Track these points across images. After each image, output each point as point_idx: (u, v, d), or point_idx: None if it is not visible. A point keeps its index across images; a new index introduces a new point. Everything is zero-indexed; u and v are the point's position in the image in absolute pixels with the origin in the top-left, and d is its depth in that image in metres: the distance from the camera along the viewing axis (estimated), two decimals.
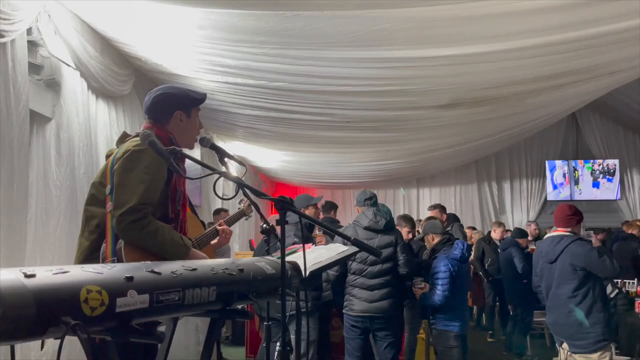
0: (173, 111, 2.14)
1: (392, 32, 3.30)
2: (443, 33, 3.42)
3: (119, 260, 1.84)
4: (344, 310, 3.99)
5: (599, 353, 3.42)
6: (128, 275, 1.32)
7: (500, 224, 7.73)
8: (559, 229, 3.75)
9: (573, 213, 3.73)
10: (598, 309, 3.48)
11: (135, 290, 1.31)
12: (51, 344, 1.26)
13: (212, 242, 2.47)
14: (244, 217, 2.87)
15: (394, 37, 3.40)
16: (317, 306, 4.19)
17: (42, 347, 1.46)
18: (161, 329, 1.66)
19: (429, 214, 6.09)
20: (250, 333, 5.81)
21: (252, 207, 2.79)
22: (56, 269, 1.22)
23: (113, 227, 1.88)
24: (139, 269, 1.41)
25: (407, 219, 4.81)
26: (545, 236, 4.05)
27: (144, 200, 1.88)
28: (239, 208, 2.85)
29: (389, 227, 4.00)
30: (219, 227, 2.52)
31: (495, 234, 7.49)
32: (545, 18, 3.23)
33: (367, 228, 3.94)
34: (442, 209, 6.42)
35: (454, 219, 6.66)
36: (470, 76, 4.36)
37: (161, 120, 2.14)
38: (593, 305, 3.48)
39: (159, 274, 1.42)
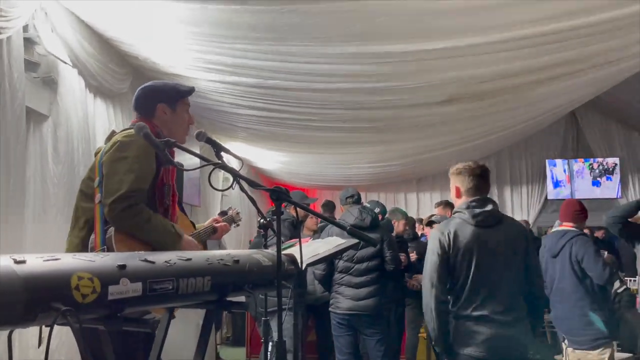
0: (156, 104, 2.15)
1: (388, 26, 3.30)
2: (439, 25, 3.41)
3: (109, 249, 1.83)
4: (330, 309, 3.97)
5: (598, 350, 3.40)
6: (120, 264, 1.31)
7: None
8: (564, 223, 3.74)
9: (582, 209, 3.74)
10: (598, 307, 3.46)
11: (128, 279, 1.30)
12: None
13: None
14: (234, 224, 2.78)
15: (390, 31, 3.40)
16: (301, 303, 4.17)
17: (39, 345, 1.44)
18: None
19: (436, 210, 5.99)
20: (250, 333, 5.79)
21: (241, 215, 2.75)
22: (47, 256, 1.21)
23: (105, 216, 1.87)
24: (132, 257, 1.40)
25: (400, 211, 4.85)
26: (551, 230, 4.04)
27: (134, 188, 1.88)
28: (227, 214, 2.74)
29: (375, 224, 3.99)
30: (216, 225, 2.49)
31: None
32: (540, 7, 3.23)
33: (353, 226, 3.90)
34: (446, 204, 6.27)
35: None
36: (467, 69, 4.35)
37: (146, 114, 2.15)
38: (594, 303, 3.46)
39: (153, 262, 1.41)
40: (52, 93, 3.44)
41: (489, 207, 2.54)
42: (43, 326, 1.16)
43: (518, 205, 11.53)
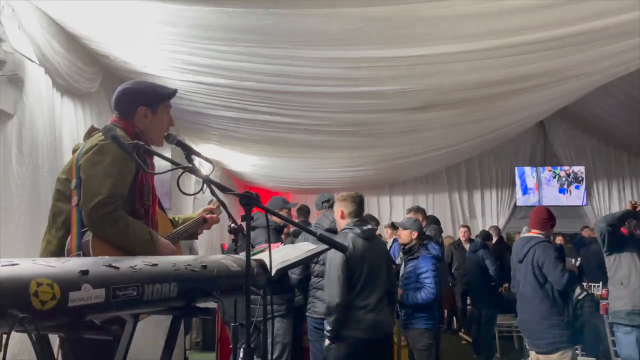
0: (137, 107, 2.12)
1: (365, 32, 3.33)
2: (415, 32, 3.46)
3: (85, 254, 1.79)
4: (307, 313, 3.97)
5: (558, 353, 3.48)
6: (83, 269, 1.27)
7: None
8: (532, 230, 3.83)
9: (549, 217, 3.83)
10: (557, 312, 3.54)
11: (90, 284, 1.26)
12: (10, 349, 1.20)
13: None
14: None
15: (366, 36, 3.43)
16: (290, 308, 4.15)
17: (4, 355, 1.39)
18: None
19: (408, 215, 6.03)
20: (220, 338, 5.72)
21: (221, 208, 2.73)
22: (5, 261, 1.16)
23: (83, 221, 1.83)
24: (96, 263, 1.36)
25: (371, 217, 4.90)
26: (519, 236, 4.14)
27: (113, 193, 1.84)
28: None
29: None
30: (207, 216, 2.43)
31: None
32: (514, 19, 3.31)
33: (329, 230, 3.89)
34: (417, 210, 6.29)
35: (433, 220, 6.64)
36: (441, 77, 4.42)
37: (127, 115, 2.12)
38: (553, 307, 3.54)
39: (117, 268, 1.37)
40: (18, 91, 3.34)
41: (370, 226, 3.40)
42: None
43: (488, 211, 11.73)
